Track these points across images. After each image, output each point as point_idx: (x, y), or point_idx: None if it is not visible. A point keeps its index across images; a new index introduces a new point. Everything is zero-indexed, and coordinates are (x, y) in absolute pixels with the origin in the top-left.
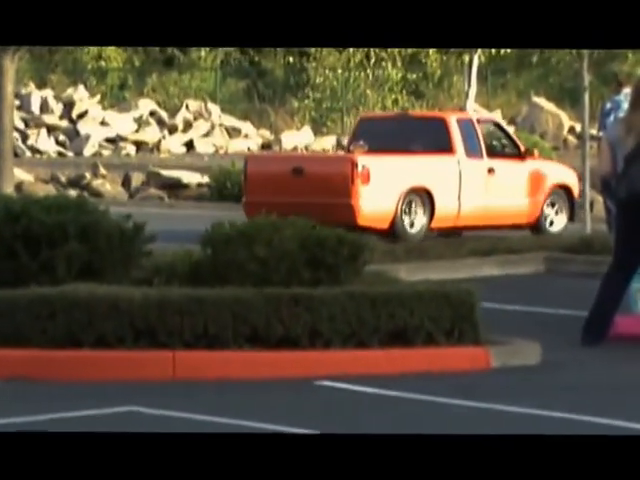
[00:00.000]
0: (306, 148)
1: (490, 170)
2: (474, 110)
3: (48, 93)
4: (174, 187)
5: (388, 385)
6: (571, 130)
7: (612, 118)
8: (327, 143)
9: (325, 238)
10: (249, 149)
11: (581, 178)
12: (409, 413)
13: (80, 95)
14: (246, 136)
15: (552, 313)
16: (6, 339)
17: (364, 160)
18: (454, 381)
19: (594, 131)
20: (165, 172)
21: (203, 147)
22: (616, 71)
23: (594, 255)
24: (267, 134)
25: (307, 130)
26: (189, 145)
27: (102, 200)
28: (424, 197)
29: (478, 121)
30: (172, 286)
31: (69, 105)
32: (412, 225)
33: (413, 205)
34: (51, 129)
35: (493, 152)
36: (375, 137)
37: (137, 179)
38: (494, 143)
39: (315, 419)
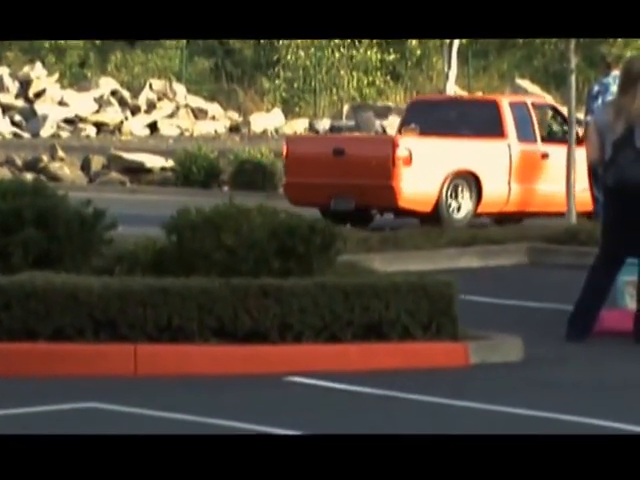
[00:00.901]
0: (276, 131)
1: (544, 155)
2: (454, 91)
3: (3, 71)
4: (136, 171)
5: (362, 382)
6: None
7: (600, 102)
8: (299, 126)
9: (296, 226)
10: (216, 131)
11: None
12: (383, 411)
13: (37, 73)
14: (213, 118)
15: (535, 307)
16: None
17: (406, 142)
18: (431, 378)
19: (581, 115)
20: (127, 155)
21: (167, 129)
22: (604, 53)
23: (580, 246)
24: (235, 116)
25: (277, 112)
26: (153, 127)
27: (60, 184)
28: (471, 181)
29: (533, 105)
30: (134, 276)
31: (26, 83)
32: (458, 209)
33: (459, 189)
34: (6, 109)
35: (548, 137)
36: (426, 120)
37: (97, 162)
38: (553, 129)
39: (285, 417)
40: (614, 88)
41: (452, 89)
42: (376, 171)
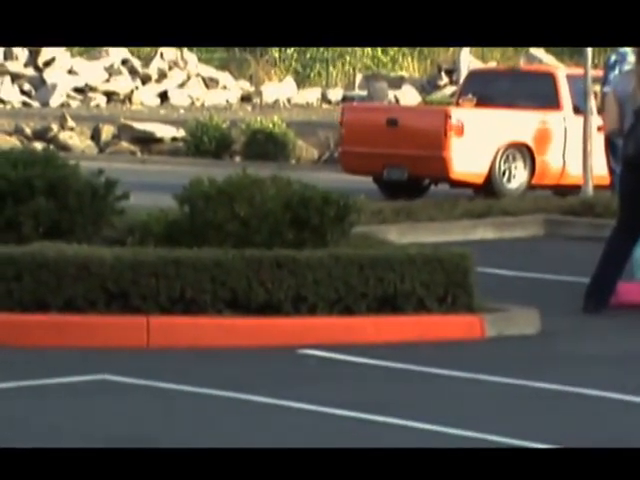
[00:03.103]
0: (288, 101)
1: (600, 128)
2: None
3: None
4: (147, 141)
5: (376, 355)
6: None
7: (617, 72)
8: (311, 95)
9: (310, 197)
10: (227, 101)
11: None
12: (398, 384)
13: None
14: (224, 87)
15: (551, 279)
16: None
17: (459, 113)
18: (447, 351)
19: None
20: (137, 125)
21: (178, 99)
22: None
23: (596, 218)
24: (247, 85)
25: (290, 81)
26: (163, 96)
27: (70, 154)
28: (524, 153)
29: (593, 78)
30: (146, 247)
31: (35, 52)
32: (511, 181)
33: (512, 160)
34: (15, 77)
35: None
36: (484, 91)
37: (107, 132)
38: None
39: (298, 389)
40: (632, 57)
41: (466, 59)
42: (428, 142)
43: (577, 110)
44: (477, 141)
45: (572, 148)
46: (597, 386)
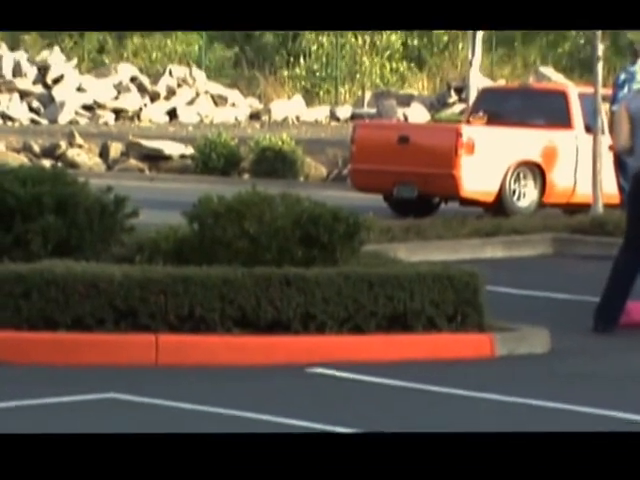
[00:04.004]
0: (297, 118)
1: (612, 147)
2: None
3: (21, 55)
4: (156, 158)
5: (386, 373)
6: None
7: (626, 90)
8: (320, 113)
9: (319, 215)
10: (236, 118)
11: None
12: (407, 403)
13: (55, 58)
14: (233, 105)
15: (561, 298)
16: None
17: (469, 131)
18: (456, 370)
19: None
20: (146, 142)
21: (187, 116)
22: (633, 40)
23: (605, 236)
24: (256, 103)
25: (298, 99)
26: (172, 114)
27: (78, 171)
28: (535, 171)
29: (603, 97)
30: (155, 264)
31: (44, 69)
32: (522, 199)
33: (523, 179)
34: (24, 94)
35: None
36: (495, 109)
37: (116, 149)
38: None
39: (307, 408)
40: None
41: (476, 76)
42: (439, 159)
43: (589, 129)
44: (488, 159)
45: (583, 167)
46: (607, 405)
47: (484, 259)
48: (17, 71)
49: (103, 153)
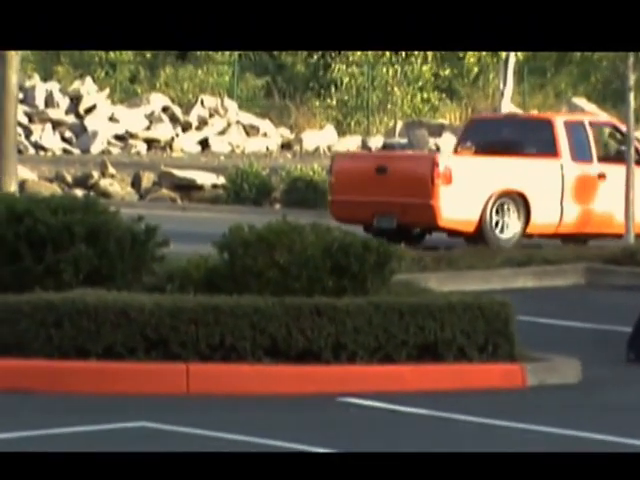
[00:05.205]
0: (329, 148)
1: (601, 176)
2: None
3: (54, 86)
4: (187, 188)
5: (416, 403)
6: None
7: None
8: (351, 143)
9: (350, 244)
10: (267, 148)
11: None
12: (438, 433)
13: (88, 88)
14: (265, 135)
15: (593, 328)
16: (8, 348)
17: (447, 160)
18: (487, 399)
19: (639, 134)
20: (178, 172)
21: (219, 146)
22: None
23: (638, 267)
24: (287, 133)
25: (330, 129)
26: (204, 143)
27: (110, 201)
28: (518, 201)
29: (591, 124)
30: (186, 293)
31: (76, 99)
32: (504, 230)
33: (505, 209)
34: (56, 124)
35: (607, 157)
36: (484, 139)
37: (148, 179)
38: (620, 148)
39: (338, 438)
40: None
41: (507, 107)
42: (416, 189)
43: (576, 157)
44: (466, 189)
45: (570, 196)
46: (638, 435)
47: (516, 289)
48: (50, 101)
49: (135, 183)
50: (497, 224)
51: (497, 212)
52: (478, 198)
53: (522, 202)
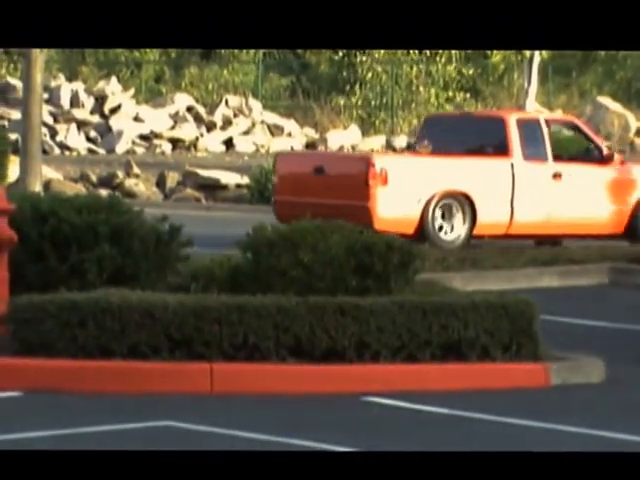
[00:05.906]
0: (353, 148)
1: (556, 175)
2: (536, 110)
3: (79, 86)
4: (212, 188)
5: (440, 402)
6: (639, 132)
7: None
8: (375, 143)
9: (374, 244)
10: (292, 148)
11: None
12: (462, 432)
13: (113, 89)
14: (289, 134)
15: (617, 327)
16: (33, 348)
17: (382, 161)
18: (511, 399)
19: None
20: (202, 172)
21: (243, 146)
22: None
23: None
24: (312, 132)
25: (354, 129)
26: (228, 143)
27: (135, 201)
28: (463, 202)
29: (547, 122)
30: (210, 293)
31: (101, 99)
32: (449, 232)
33: (448, 210)
34: (81, 124)
35: (564, 156)
36: (439, 138)
37: (172, 179)
38: (578, 147)
39: (362, 437)
40: None
41: (532, 106)
42: (352, 191)
43: (528, 156)
44: (404, 190)
45: (522, 196)
46: None
47: (540, 288)
48: (75, 101)
49: (160, 183)
50: (441, 226)
51: (439, 213)
52: (417, 199)
53: (467, 203)
